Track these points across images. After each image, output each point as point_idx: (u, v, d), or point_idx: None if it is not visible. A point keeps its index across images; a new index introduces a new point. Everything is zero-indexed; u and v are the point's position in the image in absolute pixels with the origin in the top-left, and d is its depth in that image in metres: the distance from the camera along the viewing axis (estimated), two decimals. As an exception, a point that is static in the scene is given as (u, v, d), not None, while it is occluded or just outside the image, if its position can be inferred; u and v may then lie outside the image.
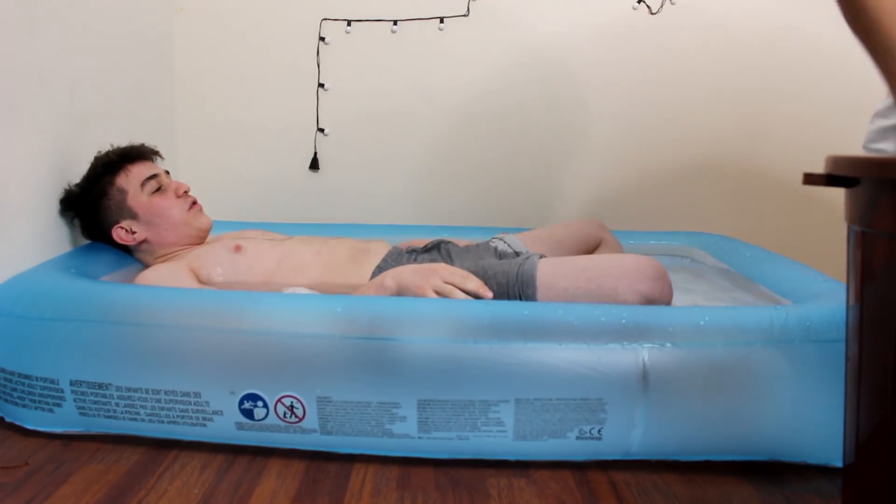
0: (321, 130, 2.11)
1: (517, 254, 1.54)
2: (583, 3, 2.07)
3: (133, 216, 1.46)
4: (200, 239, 1.53)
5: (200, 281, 1.39)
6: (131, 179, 1.47)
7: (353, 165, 2.13)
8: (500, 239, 1.60)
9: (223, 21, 2.07)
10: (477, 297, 1.22)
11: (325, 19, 2.06)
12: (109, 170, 1.47)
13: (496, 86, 2.10)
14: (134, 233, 1.46)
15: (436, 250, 1.52)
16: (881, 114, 1.19)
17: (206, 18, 2.07)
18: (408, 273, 1.26)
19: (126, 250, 1.50)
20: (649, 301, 1.21)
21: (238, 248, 1.46)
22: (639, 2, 2.05)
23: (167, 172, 1.55)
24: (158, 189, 1.48)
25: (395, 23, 2.05)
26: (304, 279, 1.41)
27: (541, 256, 1.34)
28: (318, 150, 2.12)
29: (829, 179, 0.74)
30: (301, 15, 2.06)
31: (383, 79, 2.09)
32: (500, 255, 1.53)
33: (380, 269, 1.44)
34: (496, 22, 2.06)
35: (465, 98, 2.10)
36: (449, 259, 1.49)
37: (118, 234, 1.46)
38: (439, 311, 1.10)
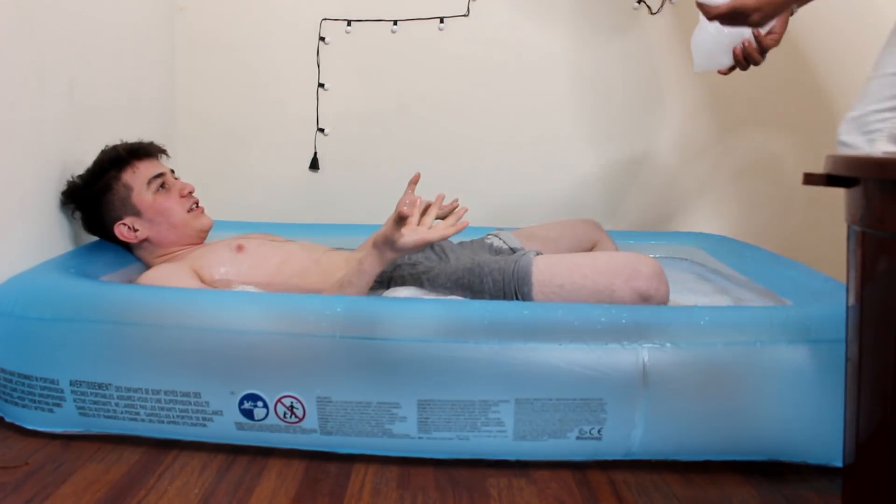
0: (321, 130, 2.11)
1: (512, 250, 1.54)
2: (583, 3, 2.07)
3: (136, 213, 1.46)
4: (200, 239, 1.53)
5: (203, 281, 1.39)
6: (137, 176, 1.47)
7: (353, 165, 2.13)
8: (496, 235, 1.60)
9: (223, 21, 2.07)
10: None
11: (325, 19, 2.06)
12: (116, 165, 1.46)
13: (496, 86, 2.10)
14: (136, 230, 1.46)
15: (429, 247, 1.52)
16: (851, 106, 1.23)
17: (206, 18, 2.07)
18: (399, 251, 1.25)
19: (126, 248, 1.50)
20: (645, 299, 1.21)
21: (240, 248, 1.46)
22: (639, 2, 2.05)
23: (172, 171, 1.55)
24: (163, 187, 1.48)
25: (395, 23, 2.05)
26: (303, 283, 1.42)
27: (537, 253, 1.34)
28: (318, 150, 2.12)
29: (829, 179, 0.74)
30: (301, 15, 2.06)
31: (383, 79, 2.09)
32: (496, 252, 1.53)
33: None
34: (496, 22, 2.06)
35: (465, 98, 2.10)
36: (444, 255, 1.48)
37: (120, 230, 1.46)
38: (439, 312, 1.10)
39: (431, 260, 1.46)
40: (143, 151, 1.51)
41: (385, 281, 1.41)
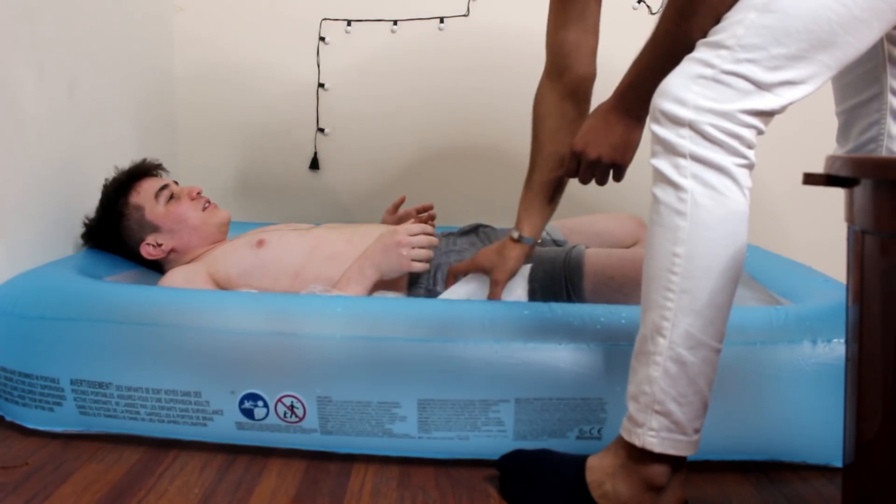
0: (321, 130, 2.11)
1: (554, 241, 1.54)
2: (583, 4, 2.06)
3: (155, 229, 1.46)
4: (223, 234, 1.52)
5: (219, 284, 1.38)
6: (143, 195, 1.47)
7: (353, 165, 2.13)
8: None
9: (223, 21, 2.07)
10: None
11: (325, 19, 2.06)
12: (121, 191, 1.47)
13: (496, 86, 2.10)
14: (160, 245, 1.46)
15: (473, 234, 1.52)
16: (836, 141, 1.24)
17: (206, 18, 2.07)
18: (379, 260, 1.30)
19: (157, 265, 1.49)
20: None
21: (261, 243, 1.42)
22: (639, 2, 2.05)
23: (176, 182, 1.55)
24: (172, 197, 1.48)
25: (395, 23, 2.05)
26: (336, 270, 1.36)
27: (587, 247, 1.35)
28: (318, 150, 2.12)
29: (829, 179, 0.74)
30: (301, 15, 2.06)
31: (383, 79, 2.09)
32: (541, 243, 1.53)
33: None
34: (496, 22, 2.06)
35: (466, 98, 2.10)
36: (487, 242, 1.48)
37: (146, 250, 1.46)
38: (440, 312, 1.10)
39: (477, 247, 1.45)
40: (141, 171, 1.52)
41: (433, 269, 1.39)
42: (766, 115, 0.86)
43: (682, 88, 0.85)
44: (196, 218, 1.47)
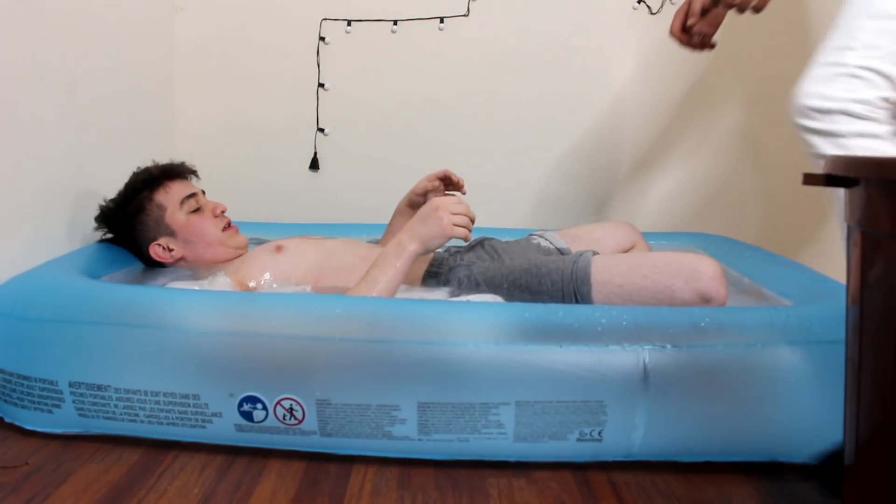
0: (321, 130, 2.11)
1: (559, 250, 1.53)
2: (583, 3, 2.06)
3: (171, 234, 1.46)
4: (237, 255, 1.52)
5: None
6: (170, 197, 1.47)
7: (353, 165, 2.13)
8: (541, 236, 1.59)
9: (223, 21, 2.07)
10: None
11: (325, 19, 2.06)
12: (149, 185, 1.47)
13: (497, 86, 2.10)
14: (171, 250, 1.46)
15: (479, 247, 1.52)
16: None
17: (206, 18, 2.07)
18: (419, 229, 1.24)
19: (161, 266, 1.49)
20: (706, 300, 1.19)
21: (279, 249, 1.43)
22: (639, 2, 2.05)
23: (203, 192, 1.55)
24: (197, 209, 1.48)
25: (395, 23, 2.05)
26: (345, 283, 1.35)
27: (594, 253, 1.34)
28: (318, 150, 2.12)
29: (828, 179, 0.74)
30: (301, 15, 2.06)
31: (383, 79, 2.09)
32: (545, 252, 1.53)
33: (429, 274, 1.42)
34: (496, 22, 2.06)
35: (466, 98, 2.10)
36: (496, 254, 1.48)
37: (155, 251, 1.46)
38: (439, 314, 1.10)
39: (485, 260, 1.45)
40: (174, 172, 1.51)
41: (443, 282, 1.40)
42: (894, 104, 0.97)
43: (823, 86, 0.98)
44: (213, 235, 1.48)
